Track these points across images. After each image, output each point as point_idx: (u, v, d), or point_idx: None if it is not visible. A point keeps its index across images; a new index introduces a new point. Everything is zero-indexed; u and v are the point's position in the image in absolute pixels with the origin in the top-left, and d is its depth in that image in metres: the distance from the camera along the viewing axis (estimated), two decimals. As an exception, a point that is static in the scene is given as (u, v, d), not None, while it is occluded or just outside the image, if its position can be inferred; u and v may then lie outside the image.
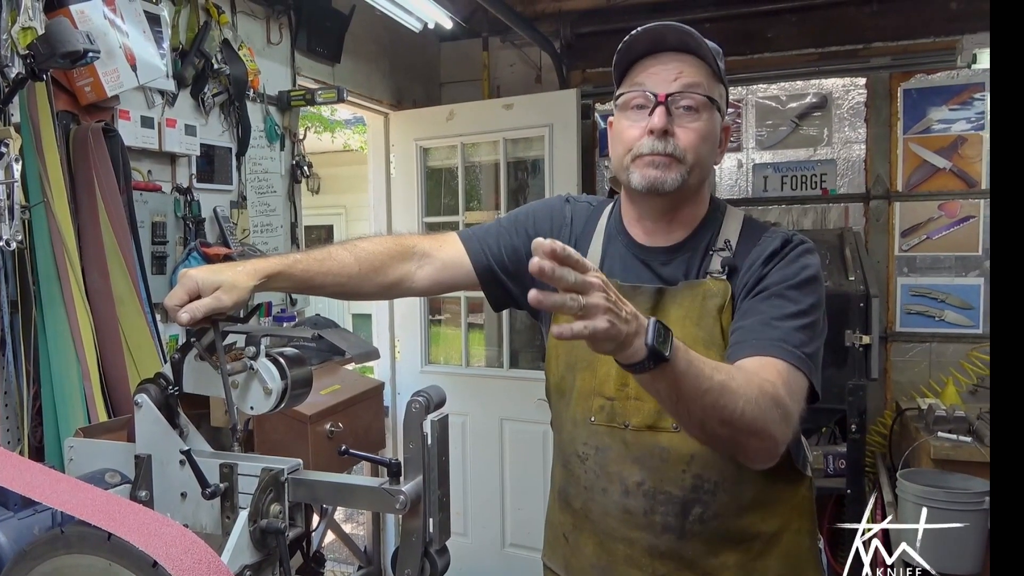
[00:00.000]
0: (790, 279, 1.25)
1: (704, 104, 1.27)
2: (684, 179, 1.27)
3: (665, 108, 1.26)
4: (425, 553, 1.06)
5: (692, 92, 1.26)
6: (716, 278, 1.29)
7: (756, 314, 1.23)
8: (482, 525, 3.75)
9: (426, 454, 1.06)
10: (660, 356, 0.97)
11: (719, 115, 1.31)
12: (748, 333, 1.22)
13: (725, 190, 3.90)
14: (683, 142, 1.27)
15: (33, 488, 0.89)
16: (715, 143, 1.32)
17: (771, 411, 1.09)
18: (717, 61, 1.29)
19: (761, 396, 1.09)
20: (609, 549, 1.35)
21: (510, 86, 4.15)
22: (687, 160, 1.27)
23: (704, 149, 1.28)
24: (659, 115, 1.26)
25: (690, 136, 1.27)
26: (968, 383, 3.46)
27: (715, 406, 1.05)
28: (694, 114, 1.27)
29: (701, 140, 1.27)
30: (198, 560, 0.78)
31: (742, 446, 1.13)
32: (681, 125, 1.27)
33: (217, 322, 1.16)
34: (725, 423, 1.06)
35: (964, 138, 3.53)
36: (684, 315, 1.28)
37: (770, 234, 1.32)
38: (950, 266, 3.56)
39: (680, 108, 1.27)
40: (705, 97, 1.27)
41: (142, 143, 2.30)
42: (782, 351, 1.18)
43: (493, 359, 3.97)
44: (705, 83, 1.27)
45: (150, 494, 1.13)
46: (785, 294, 1.23)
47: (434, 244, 1.48)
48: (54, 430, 1.88)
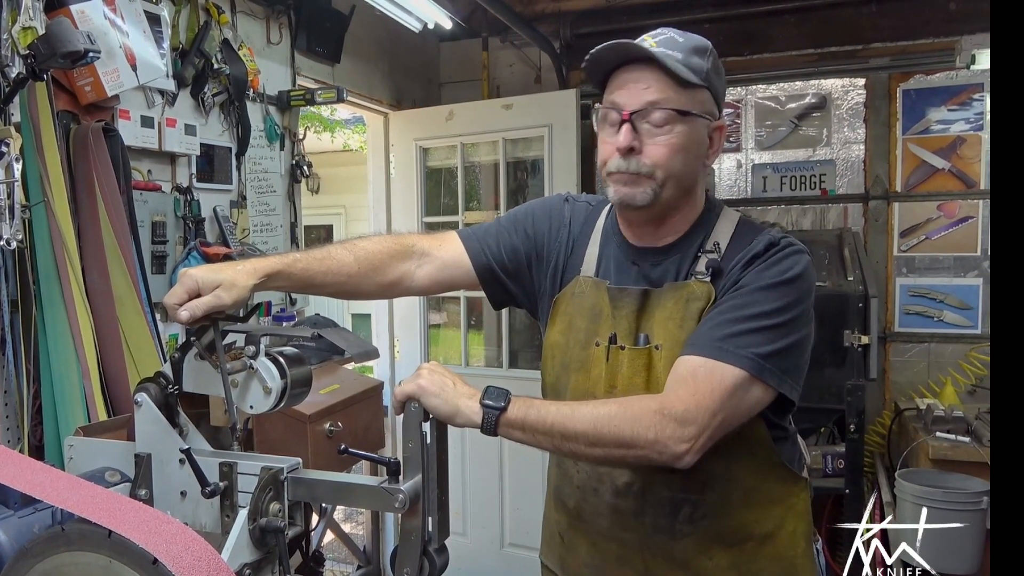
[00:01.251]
0: (763, 281, 1.23)
1: (672, 117, 1.24)
2: (656, 193, 1.27)
3: (631, 125, 1.25)
4: (424, 552, 1.06)
5: (658, 108, 1.24)
6: (700, 280, 1.28)
7: (713, 313, 1.23)
8: (481, 525, 3.75)
9: (425, 453, 1.07)
10: (496, 408, 1.15)
11: (702, 119, 1.27)
12: (698, 331, 1.23)
13: (724, 190, 3.90)
14: (651, 158, 1.25)
15: (34, 486, 0.90)
16: (696, 151, 1.28)
17: (641, 419, 1.14)
18: (702, 62, 1.26)
19: (624, 410, 1.16)
20: (602, 548, 1.36)
21: (509, 86, 4.15)
22: (656, 176, 1.26)
23: (676, 162, 1.26)
24: (624, 134, 1.25)
25: (659, 151, 1.25)
26: (967, 383, 3.46)
27: (566, 433, 1.16)
28: (664, 127, 1.25)
29: (671, 154, 1.25)
30: (198, 557, 0.78)
31: (625, 458, 1.19)
32: (651, 140, 1.25)
33: (217, 321, 1.16)
34: (590, 442, 1.16)
35: (963, 139, 3.53)
36: (667, 317, 1.28)
37: (760, 236, 1.30)
38: (949, 266, 3.57)
39: (648, 123, 1.25)
40: (672, 111, 1.24)
41: (142, 143, 2.30)
42: (716, 351, 1.18)
43: (492, 359, 3.97)
44: (674, 95, 1.24)
45: (150, 493, 1.14)
46: (752, 295, 1.22)
47: (434, 243, 1.48)
48: (54, 429, 1.88)
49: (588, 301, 1.37)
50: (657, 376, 1.27)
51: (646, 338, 1.29)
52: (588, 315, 1.36)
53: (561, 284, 1.43)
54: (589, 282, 1.38)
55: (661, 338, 1.28)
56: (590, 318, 1.36)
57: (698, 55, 1.26)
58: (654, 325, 1.29)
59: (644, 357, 1.28)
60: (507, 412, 1.15)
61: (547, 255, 1.45)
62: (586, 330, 1.36)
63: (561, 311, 1.41)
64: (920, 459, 2.93)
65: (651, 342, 1.29)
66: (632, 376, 1.29)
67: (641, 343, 1.29)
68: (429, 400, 1.13)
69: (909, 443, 3.01)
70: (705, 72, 1.26)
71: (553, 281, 1.44)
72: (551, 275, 1.44)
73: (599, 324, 1.35)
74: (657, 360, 1.27)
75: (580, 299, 1.38)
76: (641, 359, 1.28)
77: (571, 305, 1.39)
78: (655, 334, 1.29)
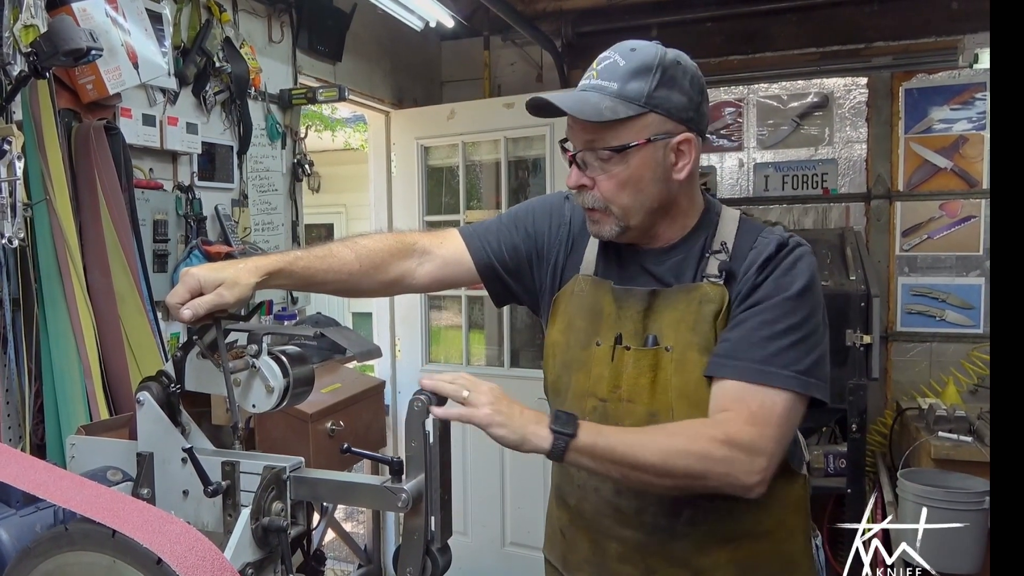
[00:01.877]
0: (785, 290, 1.23)
1: (610, 154, 1.23)
2: (622, 226, 1.29)
3: (578, 165, 1.27)
4: (427, 551, 1.06)
5: (594, 147, 1.24)
6: (713, 282, 1.27)
7: (745, 328, 1.23)
8: (482, 524, 3.75)
9: (428, 452, 1.06)
10: (566, 434, 1.12)
11: (654, 142, 1.23)
12: (733, 348, 1.22)
13: (726, 189, 3.90)
14: (603, 192, 1.27)
15: (38, 485, 0.89)
16: (653, 175, 1.25)
17: (711, 453, 1.15)
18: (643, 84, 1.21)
19: (692, 442, 1.16)
20: (602, 546, 1.36)
21: (511, 85, 4.14)
22: (612, 210, 1.27)
23: (626, 194, 1.25)
24: (573, 174, 1.29)
25: (608, 185, 1.26)
26: (969, 383, 3.46)
27: (637, 464, 1.15)
28: (609, 162, 1.24)
29: (619, 188, 1.25)
30: (202, 557, 0.78)
31: (695, 488, 1.20)
32: (601, 175, 1.26)
33: (219, 320, 1.16)
34: (660, 474, 1.16)
35: (965, 138, 3.53)
36: (679, 319, 1.27)
37: (765, 235, 1.29)
38: (951, 266, 3.57)
39: (595, 159, 1.25)
40: (607, 150, 1.23)
41: (144, 141, 2.30)
42: (762, 375, 1.19)
43: (494, 358, 3.97)
44: (606, 133, 1.22)
45: (152, 492, 1.13)
46: (778, 308, 1.22)
47: (435, 241, 1.48)
48: (55, 428, 1.88)
49: (587, 300, 1.36)
50: (666, 378, 1.26)
51: (654, 339, 1.28)
52: (587, 314, 1.36)
53: (561, 282, 1.42)
54: (588, 281, 1.38)
55: (671, 340, 1.27)
56: (589, 318, 1.35)
57: (638, 78, 1.21)
58: (663, 326, 1.28)
59: (651, 358, 1.27)
60: (577, 439, 1.13)
61: (547, 253, 1.45)
62: (585, 330, 1.35)
63: (561, 310, 1.40)
64: (922, 459, 2.92)
65: (660, 343, 1.28)
66: (637, 377, 1.28)
67: (649, 344, 1.29)
68: (495, 431, 1.12)
69: (911, 443, 3.01)
70: (646, 95, 1.21)
71: (553, 279, 1.44)
72: (551, 273, 1.44)
73: (599, 324, 1.34)
74: (667, 362, 1.27)
75: (579, 298, 1.38)
76: (647, 360, 1.28)
77: (570, 304, 1.39)
78: (664, 335, 1.28)
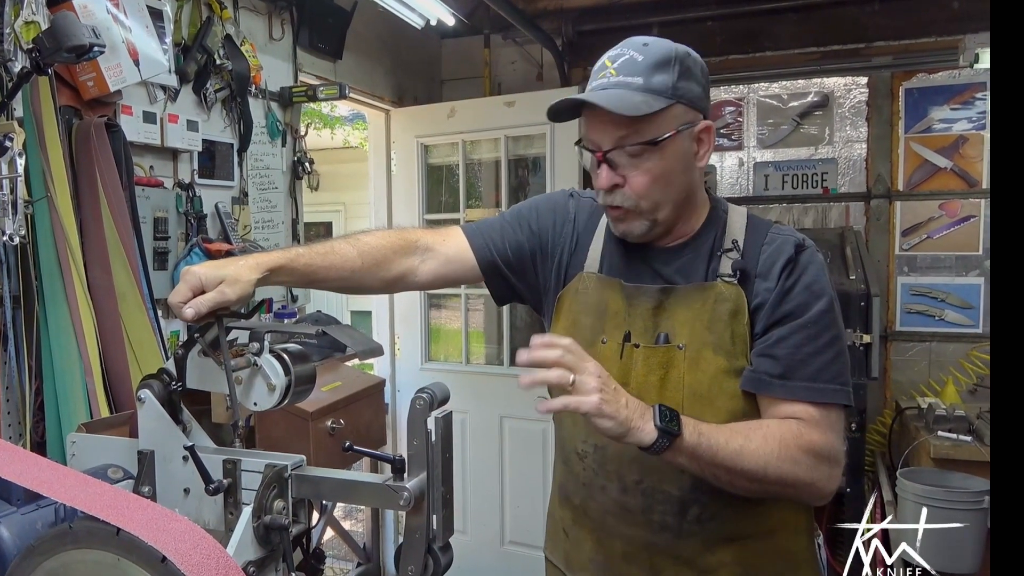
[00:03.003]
0: (818, 298, 1.26)
1: (645, 148, 1.22)
2: (651, 223, 1.28)
3: (608, 164, 1.25)
4: (428, 550, 1.06)
5: (628, 143, 1.23)
6: (727, 282, 1.27)
7: (790, 345, 1.24)
8: (482, 522, 3.75)
9: (430, 451, 1.06)
10: (671, 433, 1.10)
11: (681, 132, 1.24)
12: (784, 368, 1.23)
13: (726, 188, 3.90)
14: (634, 189, 1.25)
15: (41, 483, 0.89)
16: (682, 165, 1.26)
17: (799, 463, 1.18)
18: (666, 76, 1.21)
19: (784, 452, 1.17)
20: (607, 545, 1.36)
21: (511, 83, 4.14)
22: (642, 207, 1.26)
23: (658, 188, 1.25)
24: (603, 175, 1.26)
25: (641, 180, 1.24)
26: (968, 382, 3.46)
27: (735, 470, 1.15)
28: (639, 158, 1.23)
29: (653, 181, 1.24)
30: (207, 555, 0.78)
31: (779, 494, 1.23)
32: (632, 172, 1.24)
33: (221, 318, 1.16)
34: (754, 480, 1.17)
35: (965, 138, 3.53)
36: (694, 317, 1.27)
37: (775, 233, 1.30)
38: (950, 265, 3.57)
39: (625, 156, 1.24)
40: (641, 144, 1.22)
41: (144, 138, 2.30)
42: (817, 393, 1.23)
43: (493, 356, 3.97)
44: (639, 127, 1.21)
45: (153, 490, 1.13)
46: (818, 323, 1.25)
47: (437, 238, 1.48)
48: (56, 425, 1.88)
49: (593, 298, 1.36)
50: (678, 376, 1.26)
51: (666, 337, 1.28)
52: (593, 312, 1.36)
53: (565, 280, 1.42)
54: (593, 278, 1.38)
55: (685, 338, 1.27)
56: (595, 315, 1.35)
57: (661, 70, 1.21)
58: (675, 324, 1.28)
59: (661, 356, 1.27)
60: (682, 438, 1.11)
61: (551, 250, 1.45)
62: (591, 327, 1.35)
63: (565, 307, 1.40)
64: (921, 458, 2.93)
65: (672, 341, 1.28)
66: (647, 375, 1.28)
67: (660, 342, 1.29)
68: (601, 423, 1.09)
69: (910, 442, 3.01)
70: (671, 87, 1.22)
71: (557, 277, 1.43)
72: (555, 271, 1.44)
73: (605, 321, 1.34)
74: (679, 360, 1.27)
75: (584, 295, 1.38)
76: (658, 358, 1.28)
77: (575, 302, 1.39)
78: (677, 333, 1.28)
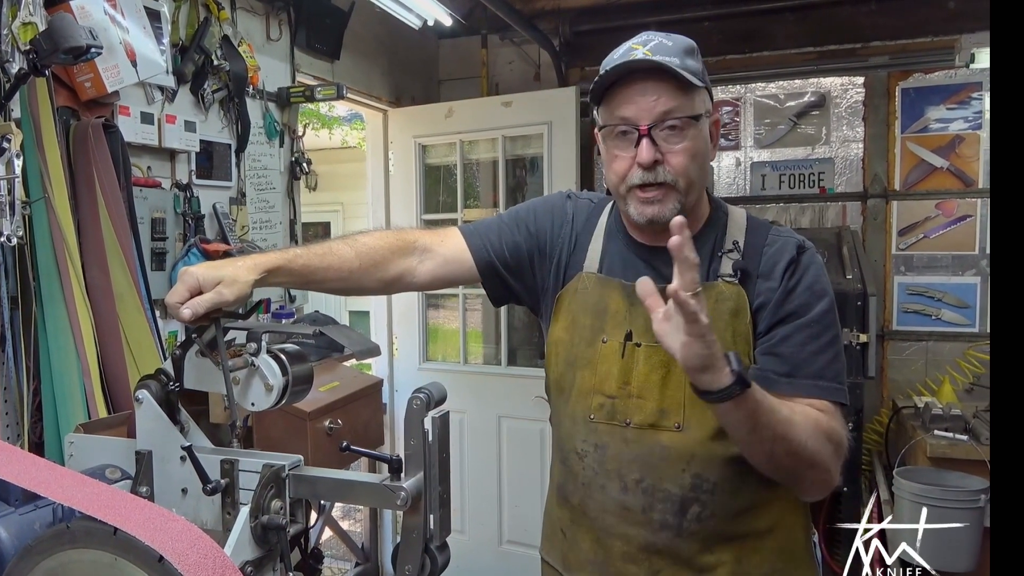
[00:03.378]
0: (820, 298, 1.28)
1: (686, 123, 1.25)
2: (681, 203, 1.28)
3: (650, 139, 1.25)
4: (426, 549, 1.06)
5: (672, 117, 1.24)
6: (728, 282, 1.29)
7: (793, 344, 1.26)
8: (479, 522, 3.76)
9: (427, 451, 1.06)
10: (744, 383, 1.05)
11: (705, 119, 1.29)
12: (790, 367, 1.25)
13: (723, 188, 3.90)
14: (674, 167, 1.26)
15: (39, 483, 0.90)
16: (706, 151, 1.30)
17: (826, 445, 1.19)
18: (695, 63, 1.26)
19: (817, 431, 1.18)
20: (606, 545, 1.36)
21: (509, 84, 4.15)
22: (679, 185, 1.27)
23: (695, 166, 1.27)
24: (645, 149, 1.24)
25: (680, 159, 1.25)
26: (964, 381, 3.47)
27: (784, 437, 1.14)
28: (680, 134, 1.25)
29: (691, 159, 1.26)
30: (204, 555, 0.78)
31: (802, 477, 1.23)
32: (670, 149, 1.25)
33: (218, 318, 1.16)
34: (791, 454, 1.16)
35: (961, 137, 3.54)
36: None
37: (776, 235, 1.32)
38: (947, 265, 3.58)
39: (665, 131, 1.25)
40: (687, 118, 1.25)
41: (142, 139, 2.30)
42: (822, 390, 1.25)
43: (491, 356, 3.97)
44: (683, 101, 1.24)
45: (151, 490, 1.14)
46: (821, 322, 1.27)
47: (435, 239, 1.48)
48: (54, 426, 1.88)
49: (592, 297, 1.37)
50: (679, 375, 1.26)
51: None
52: (593, 312, 1.36)
53: (564, 281, 1.43)
54: (593, 278, 1.38)
55: None
56: (595, 314, 1.36)
57: (690, 56, 1.26)
58: None
59: (663, 355, 1.27)
60: (752, 388, 1.07)
61: (550, 251, 1.45)
62: (591, 327, 1.36)
63: (564, 308, 1.41)
64: (918, 457, 2.93)
65: None
66: (649, 373, 1.29)
67: None
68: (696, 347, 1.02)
69: (907, 441, 3.02)
70: (701, 72, 1.27)
71: (556, 278, 1.44)
72: (554, 271, 1.44)
73: (605, 320, 1.35)
74: None
75: (584, 295, 1.38)
76: (660, 357, 1.28)
77: (574, 302, 1.39)
78: None
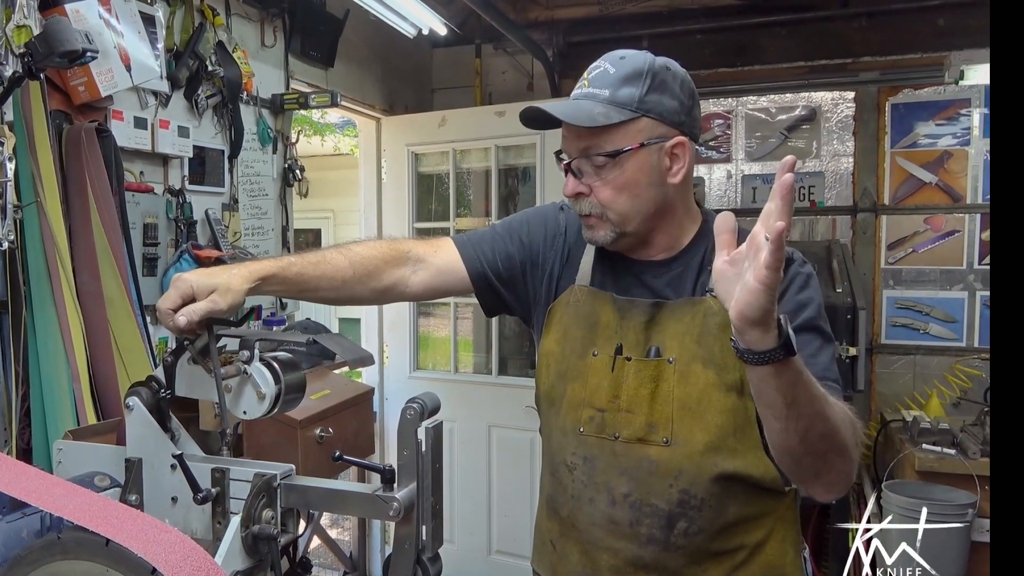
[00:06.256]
0: (809, 307, 1.28)
1: (607, 160, 1.25)
2: (617, 232, 1.30)
3: (573, 173, 1.28)
4: (418, 561, 1.06)
5: (590, 154, 1.26)
6: (716, 296, 1.29)
7: None
8: (469, 532, 3.74)
9: (420, 461, 1.06)
10: (791, 349, 0.97)
11: (648, 146, 1.25)
12: None
13: (715, 200, 3.92)
14: (600, 199, 1.28)
15: (29, 492, 0.89)
16: (648, 179, 1.27)
17: (852, 434, 1.13)
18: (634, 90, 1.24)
19: (845, 416, 1.13)
20: (594, 558, 1.36)
21: (502, 93, 4.16)
22: (608, 216, 1.29)
23: (623, 200, 1.27)
24: (569, 183, 1.30)
25: (605, 192, 1.27)
26: (952, 395, 3.50)
27: (821, 415, 1.06)
28: (604, 168, 1.26)
29: (616, 193, 1.27)
30: (197, 567, 0.77)
31: (829, 467, 1.14)
32: (597, 181, 1.28)
33: (211, 326, 1.16)
34: (825, 437, 1.08)
35: (950, 153, 3.57)
36: (684, 331, 1.28)
37: None
38: (935, 279, 3.61)
39: (590, 166, 1.27)
40: (603, 155, 1.25)
41: (135, 144, 2.29)
42: (831, 390, 1.20)
43: (481, 366, 3.97)
44: (601, 139, 1.25)
45: (140, 498, 1.13)
46: (813, 328, 1.27)
47: (429, 249, 1.48)
48: (42, 432, 1.86)
49: (584, 310, 1.37)
50: (668, 389, 1.27)
51: (656, 350, 1.29)
52: (584, 325, 1.36)
53: (556, 292, 1.43)
54: (584, 291, 1.38)
55: (675, 352, 1.28)
56: (586, 328, 1.36)
57: (629, 84, 1.24)
58: (666, 338, 1.29)
59: (653, 369, 1.28)
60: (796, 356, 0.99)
61: (542, 263, 1.45)
62: (582, 340, 1.36)
63: (556, 320, 1.41)
64: (906, 471, 2.95)
65: (662, 355, 1.29)
66: (638, 387, 1.29)
67: (651, 355, 1.29)
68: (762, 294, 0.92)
69: (895, 455, 3.03)
70: (637, 100, 1.24)
71: (548, 289, 1.44)
72: (546, 283, 1.44)
73: (596, 333, 1.35)
74: (669, 374, 1.27)
75: (576, 308, 1.38)
76: (649, 371, 1.28)
77: (566, 314, 1.39)
78: (667, 347, 1.28)
